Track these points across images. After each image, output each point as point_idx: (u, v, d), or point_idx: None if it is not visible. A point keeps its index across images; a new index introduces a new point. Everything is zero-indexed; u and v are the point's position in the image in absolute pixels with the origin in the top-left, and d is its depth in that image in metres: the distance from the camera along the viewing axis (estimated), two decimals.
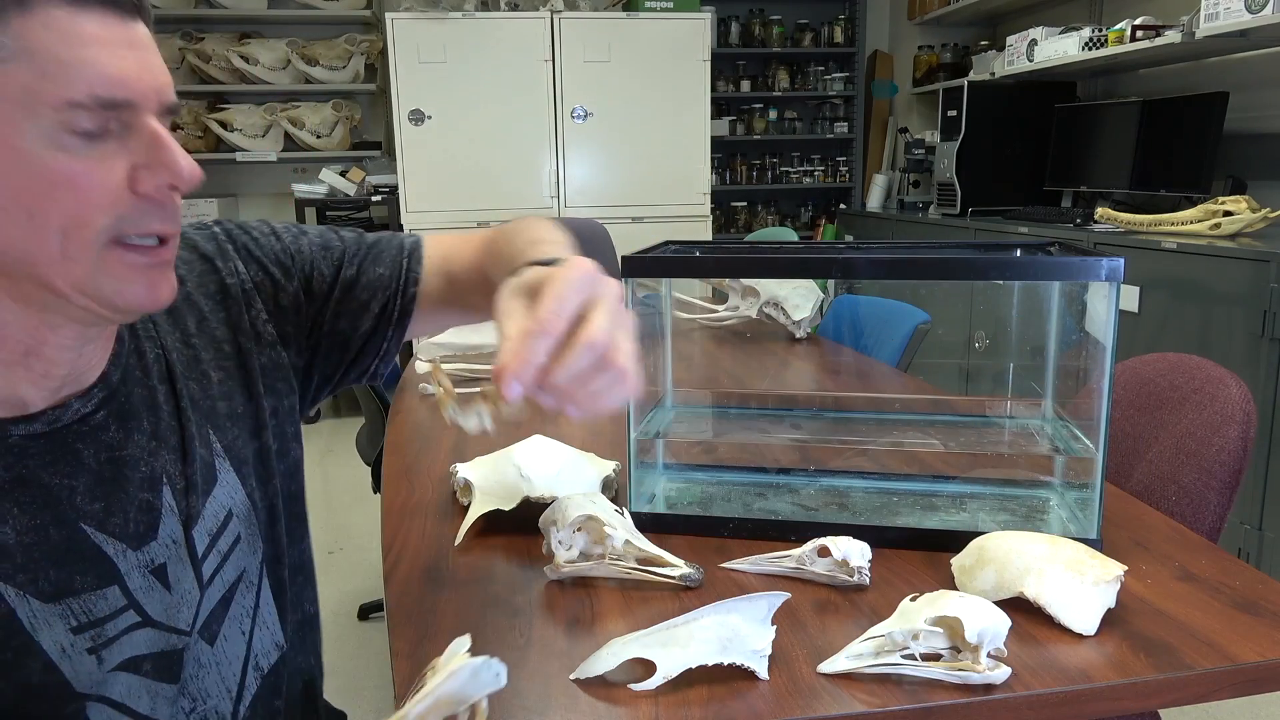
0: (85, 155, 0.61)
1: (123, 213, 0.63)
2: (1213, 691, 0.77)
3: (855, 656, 0.77)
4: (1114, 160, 3.50)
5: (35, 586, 0.65)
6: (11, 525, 0.65)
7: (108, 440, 0.71)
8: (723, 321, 2.30)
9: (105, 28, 0.61)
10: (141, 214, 0.64)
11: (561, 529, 0.92)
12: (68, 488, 0.68)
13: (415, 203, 3.93)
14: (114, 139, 0.62)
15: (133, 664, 0.71)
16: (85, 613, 0.68)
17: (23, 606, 0.64)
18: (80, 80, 0.59)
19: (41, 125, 0.59)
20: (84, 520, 0.68)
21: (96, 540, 0.69)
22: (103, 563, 0.69)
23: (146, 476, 0.73)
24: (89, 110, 0.60)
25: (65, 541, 0.67)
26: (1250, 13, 2.55)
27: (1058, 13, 4.15)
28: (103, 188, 0.61)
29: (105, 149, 0.61)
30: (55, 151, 0.60)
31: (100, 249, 0.63)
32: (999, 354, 3.02)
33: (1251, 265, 2.31)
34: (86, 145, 0.61)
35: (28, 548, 0.65)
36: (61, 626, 0.66)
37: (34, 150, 0.59)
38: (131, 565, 0.71)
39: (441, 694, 0.46)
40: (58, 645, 0.66)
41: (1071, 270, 0.96)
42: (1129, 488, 1.30)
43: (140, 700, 0.72)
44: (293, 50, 4.33)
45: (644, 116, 4.04)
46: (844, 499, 1.12)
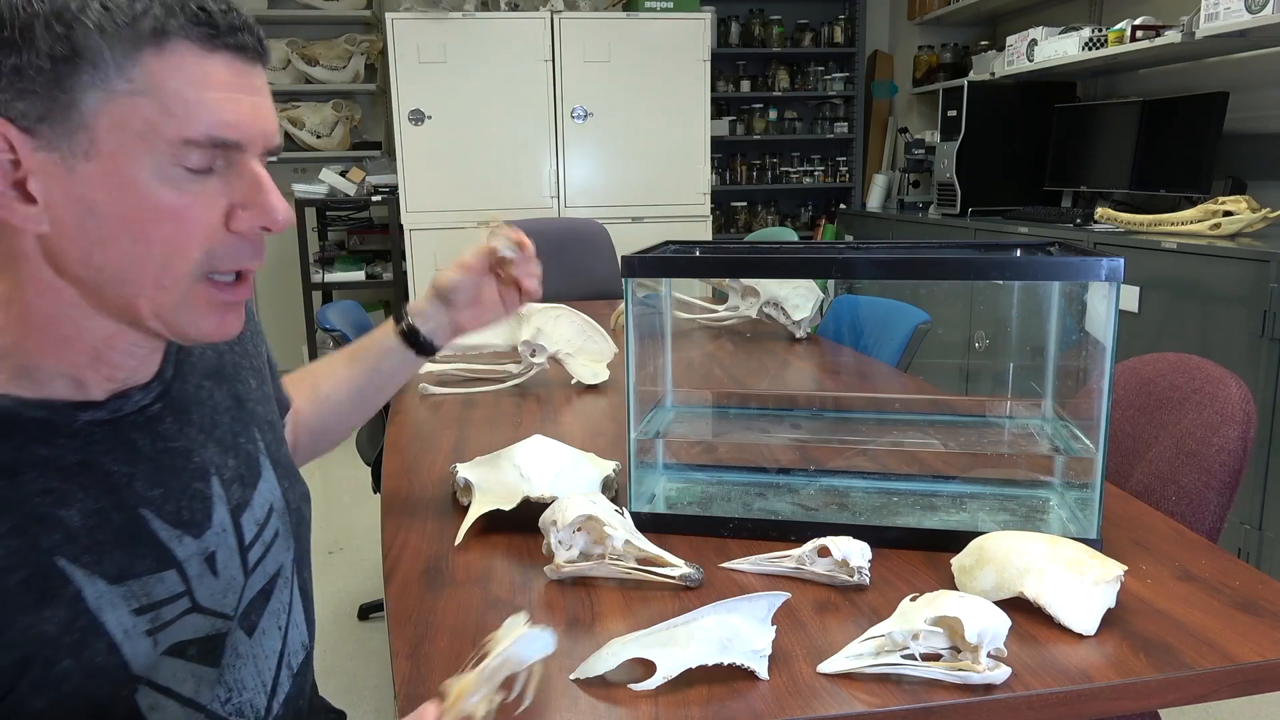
0: (189, 190, 0.64)
1: (216, 248, 0.67)
2: (1212, 691, 0.77)
3: (855, 656, 0.77)
4: (1114, 160, 3.51)
5: (100, 568, 0.67)
6: (77, 508, 0.67)
7: (163, 431, 0.74)
8: (723, 321, 2.30)
9: (230, 72, 0.64)
10: (232, 250, 0.68)
11: (561, 529, 0.92)
12: (127, 474, 0.70)
13: (415, 203, 3.93)
14: (218, 176, 0.66)
15: (179, 649, 0.72)
16: (145, 595, 0.70)
17: (90, 587, 0.66)
18: (199, 121, 0.63)
19: (156, 159, 0.63)
20: (143, 506, 0.71)
21: (154, 526, 0.71)
22: (160, 548, 0.71)
23: (198, 467, 0.76)
24: (201, 149, 0.63)
25: (127, 525, 0.69)
26: (1250, 13, 2.55)
27: (1058, 13, 4.15)
28: (202, 223, 0.65)
29: (209, 186, 0.65)
30: (163, 184, 0.63)
31: (191, 281, 0.67)
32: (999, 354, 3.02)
33: (1251, 265, 2.32)
34: (191, 180, 0.64)
35: (92, 530, 0.67)
36: (124, 608, 0.68)
37: (145, 181, 0.63)
38: (189, 552, 0.73)
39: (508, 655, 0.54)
40: (121, 626, 0.68)
41: (1071, 270, 0.96)
42: (1129, 488, 1.30)
43: (185, 684, 0.73)
44: (293, 50, 4.33)
45: (644, 116, 4.04)
46: (844, 499, 1.12)
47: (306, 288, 4.17)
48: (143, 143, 0.62)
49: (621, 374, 1.75)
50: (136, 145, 0.62)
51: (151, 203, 0.63)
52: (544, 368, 1.74)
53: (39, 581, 0.64)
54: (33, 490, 0.65)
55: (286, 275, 4.42)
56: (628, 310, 1.03)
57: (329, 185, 4.14)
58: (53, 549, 0.65)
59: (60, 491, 0.66)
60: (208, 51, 0.63)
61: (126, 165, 0.62)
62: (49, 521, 0.65)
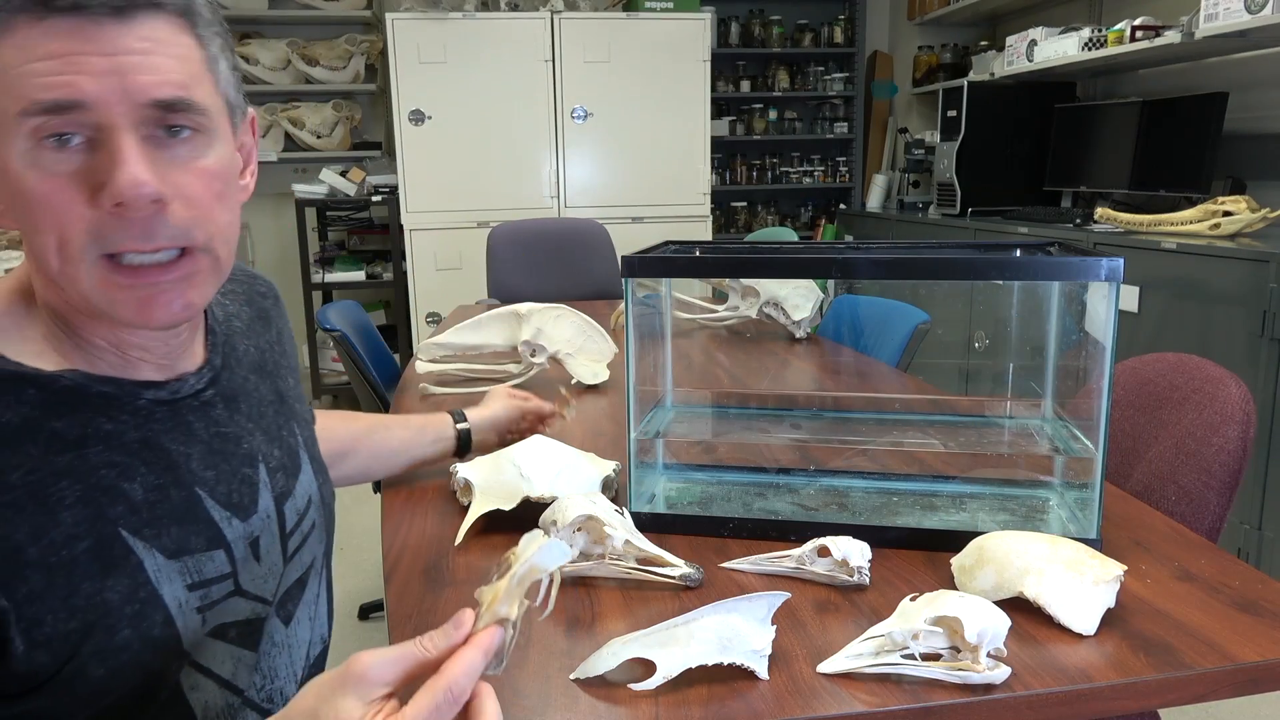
0: (54, 171, 0.62)
1: (97, 229, 0.63)
2: (1212, 691, 0.77)
3: (855, 656, 0.77)
4: (1114, 160, 3.50)
5: (159, 542, 0.69)
6: (139, 483, 0.69)
7: (215, 416, 0.76)
8: (723, 321, 2.30)
9: (68, 36, 0.60)
10: (114, 229, 0.63)
11: (561, 529, 0.92)
12: (184, 454, 0.72)
13: (415, 203, 3.93)
14: (82, 151, 0.62)
15: (221, 630, 0.74)
16: (198, 571, 0.71)
17: (150, 559, 0.68)
18: (26, 88, 0.60)
19: (18, 141, 0.61)
20: (199, 485, 0.73)
21: (208, 505, 0.73)
22: (212, 527, 0.73)
23: (247, 453, 0.79)
24: (37, 117, 0.60)
25: (184, 503, 0.71)
26: (1250, 13, 2.55)
27: (1057, 13, 4.15)
28: (68, 205, 0.62)
29: (73, 162, 0.62)
30: (30, 167, 0.61)
31: (90, 265, 0.64)
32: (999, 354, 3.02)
33: (1251, 265, 2.32)
34: (56, 160, 0.62)
35: (153, 505, 0.69)
36: (180, 583, 0.70)
37: (16, 169, 0.62)
38: (237, 535, 0.75)
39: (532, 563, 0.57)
40: (176, 600, 0.69)
41: (1071, 270, 0.96)
42: (1129, 488, 1.30)
43: (224, 665, 0.75)
44: (293, 50, 4.33)
45: (644, 116, 4.04)
46: (844, 499, 1.12)
47: (306, 288, 4.17)
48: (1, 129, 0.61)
49: (621, 374, 1.75)
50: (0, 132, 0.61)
51: (22, 188, 0.62)
52: (544, 368, 1.74)
53: (104, 551, 0.65)
54: (98, 463, 0.67)
55: (286, 275, 4.42)
56: (628, 310, 1.03)
57: (329, 185, 4.14)
58: (117, 520, 0.66)
59: (124, 465, 0.68)
60: (38, 19, 0.60)
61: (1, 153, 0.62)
62: (114, 493, 0.67)
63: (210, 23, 0.68)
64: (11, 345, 0.67)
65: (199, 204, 0.66)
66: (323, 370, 4.28)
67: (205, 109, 0.66)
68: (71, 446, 0.66)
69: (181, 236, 0.66)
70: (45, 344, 0.69)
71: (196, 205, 0.66)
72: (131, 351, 0.71)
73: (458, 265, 3.99)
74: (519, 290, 3.15)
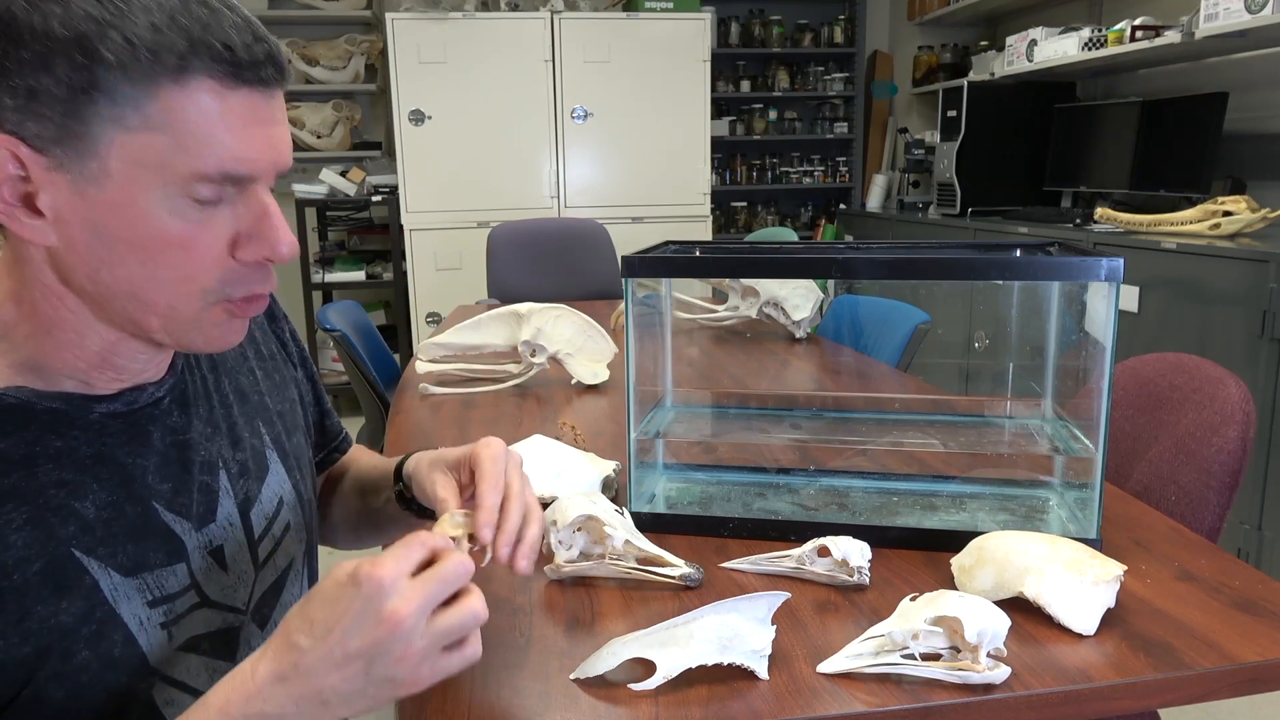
0: (196, 220, 0.64)
1: (224, 275, 0.66)
2: (1212, 691, 0.77)
3: (855, 656, 0.77)
4: (1114, 160, 3.51)
5: (115, 560, 0.68)
6: (91, 500, 0.67)
7: (173, 424, 0.75)
8: (723, 321, 2.30)
9: (249, 106, 0.63)
10: (240, 277, 0.67)
11: (561, 529, 0.92)
12: (140, 467, 0.71)
13: (415, 203, 3.93)
14: (226, 206, 0.65)
15: (193, 644, 0.73)
16: (159, 587, 0.70)
17: (105, 579, 0.67)
18: (213, 157, 0.62)
19: (167, 190, 0.62)
20: (155, 499, 0.72)
21: (166, 518, 0.72)
22: (172, 540, 0.72)
23: (205, 460, 0.77)
24: (212, 183, 0.63)
25: (139, 518, 0.70)
26: (1250, 13, 2.55)
27: (1057, 13, 4.15)
28: (208, 252, 0.65)
29: (217, 216, 0.65)
30: (171, 215, 0.63)
31: (204, 306, 0.67)
32: (999, 354, 3.03)
33: (1251, 265, 2.32)
34: (199, 211, 0.64)
35: (106, 522, 0.68)
36: (139, 600, 0.69)
37: (153, 211, 0.62)
38: (195, 545, 0.74)
39: None
40: (136, 618, 0.68)
41: (1071, 270, 0.96)
42: (1129, 488, 1.30)
43: (200, 678, 0.74)
44: (293, 50, 4.33)
45: (644, 116, 4.04)
46: (844, 499, 1.12)
47: (307, 288, 4.17)
48: (154, 175, 0.62)
49: (621, 374, 1.75)
50: (147, 177, 0.61)
51: (159, 232, 0.63)
52: (544, 368, 1.74)
53: (56, 572, 0.64)
54: (47, 482, 0.65)
55: (287, 275, 4.42)
56: (628, 310, 1.03)
57: (329, 185, 4.14)
58: (69, 540, 0.65)
59: (75, 484, 0.67)
60: (228, 89, 0.62)
61: (136, 195, 0.62)
62: (64, 513, 0.66)
63: None
64: None
65: None
66: (323, 370, 4.28)
67: None
68: (17, 466, 0.64)
69: None
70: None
71: None
72: (104, 372, 0.70)
73: (458, 265, 3.99)
74: (519, 290, 3.16)
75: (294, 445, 0.89)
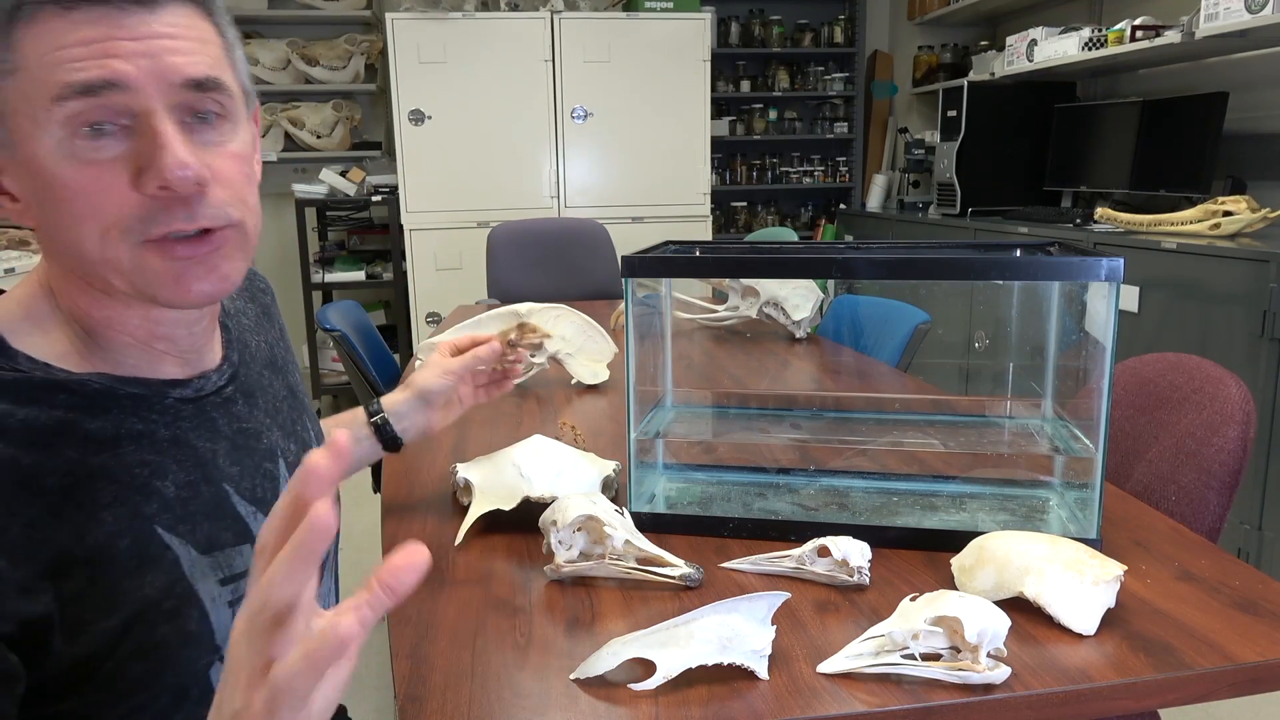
0: (92, 160, 0.62)
1: (137, 213, 0.64)
2: (1212, 691, 0.77)
3: (855, 656, 0.77)
4: (1114, 160, 3.50)
5: (193, 537, 0.70)
6: (171, 480, 0.70)
7: (236, 412, 0.78)
8: (723, 321, 2.30)
9: (97, 24, 0.61)
10: (158, 214, 0.64)
11: (561, 529, 0.92)
12: (211, 451, 0.74)
13: (415, 203, 3.93)
14: (120, 139, 0.63)
15: None
16: (229, 566, 0.72)
17: (185, 555, 0.69)
18: (59, 74, 0.60)
19: (52, 134, 0.61)
20: (226, 481, 0.75)
21: (234, 501, 0.75)
22: (239, 522, 0.75)
23: (267, 448, 0.80)
24: (73, 101, 0.61)
25: (213, 499, 0.73)
26: (1250, 13, 2.55)
27: (1058, 13, 4.15)
28: (109, 193, 0.63)
29: (112, 150, 0.63)
30: (67, 159, 0.62)
31: (134, 248, 0.65)
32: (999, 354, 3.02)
33: (1251, 265, 2.32)
34: (94, 149, 0.62)
35: (185, 501, 0.70)
36: (213, 577, 0.71)
37: (50, 160, 0.62)
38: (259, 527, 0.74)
39: None
40: (210, 595, 0.70)
41: (1071, 270, 0.96)
42: (1129, 488, 1.30)
43: None
44: (293, 50, 4.33)
45: (644, 116, 4.04)
46: (844, 499, 1.12)
47: (306, 288, 4.17)
48: (30, 121, 0.61)
49: (621, 374, 1.75)
50: (27, 125, 0.62)
51: (60, 180, 0.62)
52: (544, 368, 1.74)
53: (142, 548, 0.67)
54: (132, 462, 0.68)
55: (287, 275, 4.42)
56: (628, 310, 1.03)
57: (329, 185, 4.14)
58: (152, 517, 0.68)
59: (156, 464, 0.69)
60: (65, 10, 0.61)
61: (33, 148, 0.62)
62: (147, 491, 0.68)
63: (223, 12, 0.70)
64: (38, 348, 0.68)
65: (234, 185, 0.68)
66: (323, 370, 4.28)
67: (232, 92, 0.68)
68: (106, 447, 0.67)
69: (221, 216, 0.67)
70: (69, 346, 0.70)
71: (231, 186, 0.68)
72: (158, 345, 0.72)
73: (458, 265, 3.99)
74: (519, 290, 3.16)
75: None
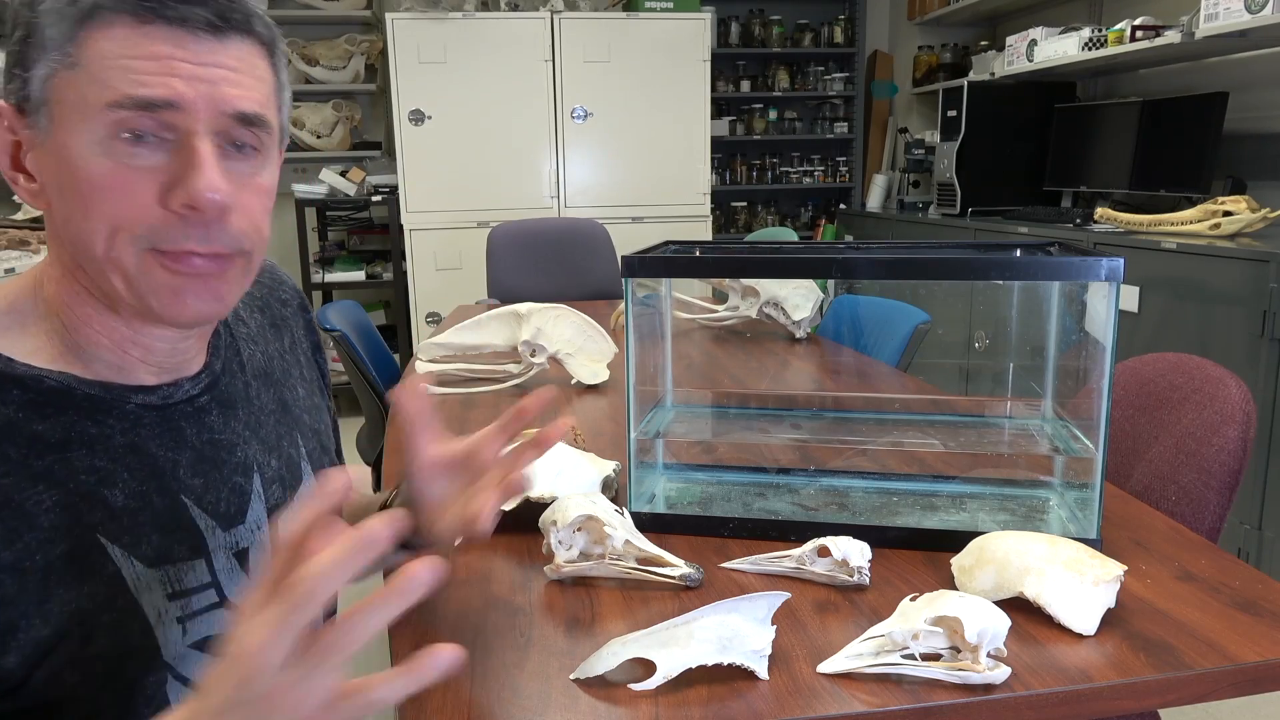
0: (125, 162, 0.64)
1: (155, 225, 0.65)
2: (1212, 691, 0.77)
3: (855, 656, 0.77)
4: (1114, 160, 3.50)
5: (139, 550, 0.68)
6: (121, 489, 0.68)
7: (209, 423, 0.76)
8: (723, 321, 2.30)
9: (169, 43, 0.64)
10: (175, 229, 0.65)
11: (561, 529, 0.92)
12: (172, 461, 0.72)
13: (415, 203, 3.93)
14: (158, 151, 0.65)
15: (206, 644, 0.73)
16: (178, 581, 0.71)
17: (127, 567, 0.67)
18: (123, 84, 0.63)
19: (94, 130, 0.63)
20: (185, 493, 0.73)
21: (193, 514, 0.73)
22: (196, 536, 0.73)
23: (240, 462, 0.78)
24: (127, 111, 0.63)
25: (167, 511, 0.71)
26: (1250, 13, 2.55)
27: (1058, 13, 4.15)
28: (133, 199, 0.64)
29: (145, 159, 0.64)
30: (101, 157, 0.63)
31: (138, 254, 0.66)
32: (999, 354, 3.02)
33: (1251, 265, 2.32)
34: (131, 154, 0.64)
35: (133, 512, 0.69)
36: (160, 591, 0.69)
37: (84, 153, 0.63)
38: (219, 544, 0.75)
39: None
40: (155, 610, 0.69)
41: (1071, 270, 0.96)
42: (1129, 488, 1.30)
43: None
44: (293, 50, 4.33)
45: (644, 116, 4.04)
46: (844, 499, 1.12)
47: (306, 288, 4.17)
48: (78, 115, 0.63)
49: (621, 374, 1.75)
50: (74, 118, 0.63)
51: (88, 174, 0.63)
52: (544, 368, 1.74)
53: (80, 557, 0.65)
54: (80, 467, 0.66)
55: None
56: (628, 310, 1.03)
57: (329, 185, 4.14)
58: (95, 526, 0.66)
59: (106, 471, 0.68)
60: (141, 23, 0.63)
61: (69, 138, 0.63)
62: (93, 499, 0.67)
63: (283, 55, 0.73)
64: (11, 341, 0.68)
65: (253, 216, 0.70)
66: None
67: (273, 130, 0.71)
68: (53, 449, 0.65)
69: (234, 244, 0.69)
70: (44, 343, 0.69)
71: (251, 217, 0.70)
72: (132, 352, 0.71)
73: (458, 265, 3.99)
74: (519, 290, 3.16)
75: (327, 465, 0.91)
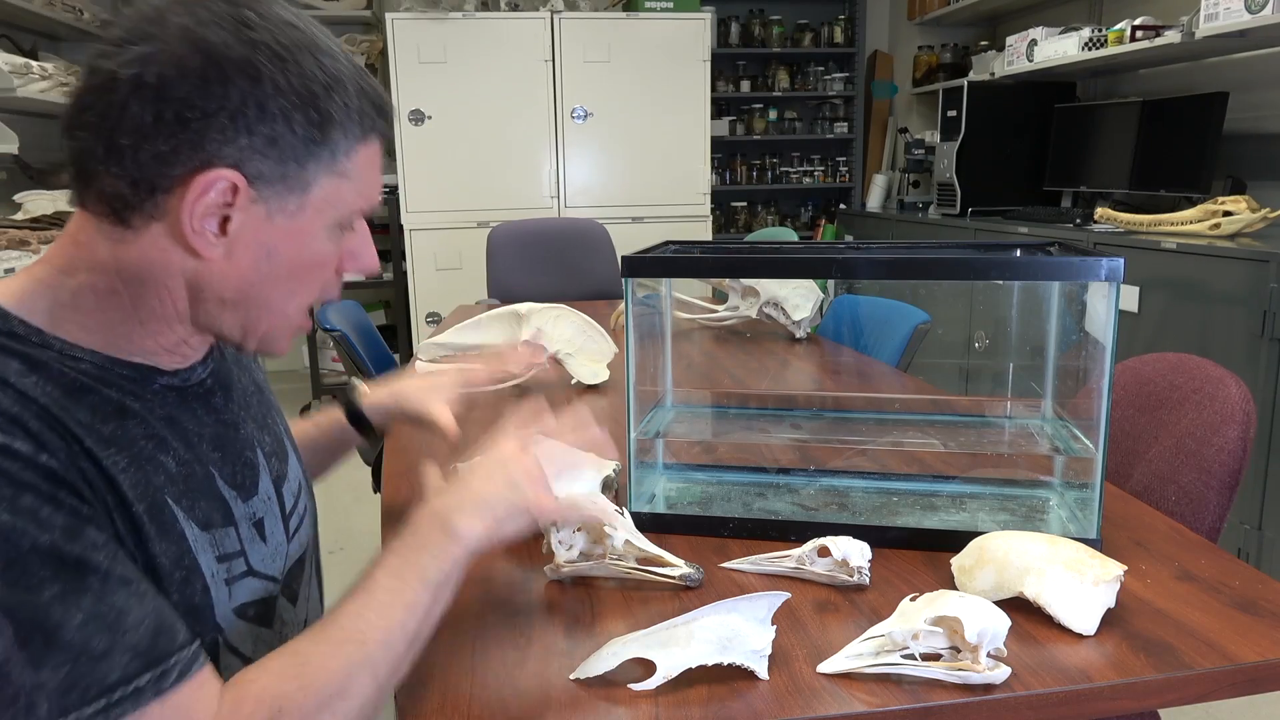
0: (335, 244, 0.75)
1: (327, 287, 0.78)
2: (1212, 691, 0.77)
3: (855, 656, 0.77)
4: (1114, 160, 3.51)
5: (194, 513, 0.73)
6: (173, 456, 0.73)
7: (215, 404, 0.81)
8: (723, 321, 2.30)
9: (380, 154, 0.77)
10: (330, 288, 0.78)
11: (561, 529, 0.92)
12: (198, 435, 0.77)
13: (415, 203, 3.93)
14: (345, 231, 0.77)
15: (241, 610, 0.77)
16: (221, 545, 0.75)
17: (189, 528, 0.72)
18: (373, 198, 0.77)
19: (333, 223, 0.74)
20: (212, 464, 0.77)
21: (219, 485, 0.77)
22: (225, 506, 0.77)
23: (245, 438, 0.83)
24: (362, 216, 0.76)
25: (204, 480, 0.75)
26: (1250, 13, 2.55)
27: (1058, 13, 4.15)
28: (330, 268, 0.77)
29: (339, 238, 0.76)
30: (327, 242, 0.74)
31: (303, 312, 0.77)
32: (999, 354, 3.02)
33: (1251, 265, 2.32)
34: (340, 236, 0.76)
35: (185, 478, 0.73)
36: (211, 553, 0.74)
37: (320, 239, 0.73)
38: (241, 514, 0.79)
39: None
40: (210, 570, 0.73)
41: (1071, 270, 0.96)
42: (1129, 488, 1.30)
43: (246, 644, 0.78)
44: None
45: (644, 116, 4.04)
46: (844, 499, 1.12)
47: None
48: (334, 212, 0.73)
49: (621, 374, 1.75)
50: (330, 213, 0.73)
51: (318, 255, 0.74)
52: (544, 368, 1.74)
53: (156, 515, 0.68)
54: (137, 434, 0.70)
55: None
56: (628, 310, 1.03)
57: None
58: (161, 487, 0.69)
59: (159, 438, 0.72)
60: (379, 141, 0.75)
61: (317, 227, 0.72)
62: (154, 463, 0.70)
63: None
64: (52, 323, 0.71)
65: None
66: (323, 370, 4.28)
67: None
68: (113, 417, 0.68)
69: None
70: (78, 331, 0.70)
71: None
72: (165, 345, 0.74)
73: (458, 265, 3.99)
74: (519, 290, 3.16)
75: (295, 442, 0.96)
